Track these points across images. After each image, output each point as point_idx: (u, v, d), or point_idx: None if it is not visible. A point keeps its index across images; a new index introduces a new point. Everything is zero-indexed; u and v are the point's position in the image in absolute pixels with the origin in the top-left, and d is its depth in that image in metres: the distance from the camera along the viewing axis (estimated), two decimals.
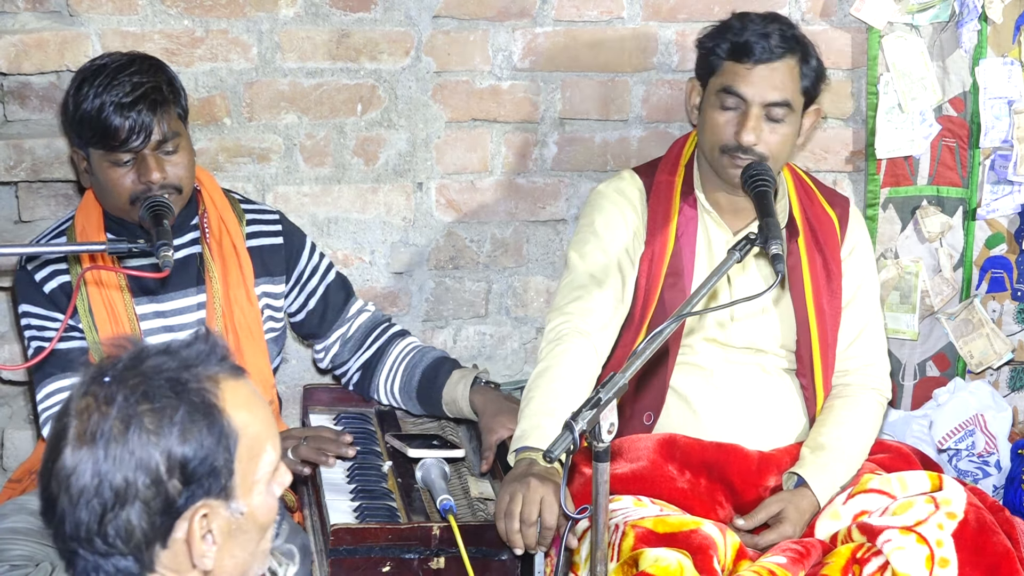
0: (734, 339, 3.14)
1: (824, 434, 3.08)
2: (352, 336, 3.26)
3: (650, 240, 3.13)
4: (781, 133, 3.05)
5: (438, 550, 2.71)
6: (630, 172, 3.25)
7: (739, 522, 2.97)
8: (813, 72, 3.10)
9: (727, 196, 3.13)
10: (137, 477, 1.69)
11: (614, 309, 3.07)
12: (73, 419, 1.71)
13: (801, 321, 3.14)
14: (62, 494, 1.70)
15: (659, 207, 3.15)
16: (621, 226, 3.14)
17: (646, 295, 3.10)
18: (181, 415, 1.71)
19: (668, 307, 3.05)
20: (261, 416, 1.79)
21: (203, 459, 1.71)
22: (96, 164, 2.93)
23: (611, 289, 3.07)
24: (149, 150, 2.89)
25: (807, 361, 3.15)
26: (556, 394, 2.86)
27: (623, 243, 3.12)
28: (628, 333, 3.11)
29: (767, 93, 3.03)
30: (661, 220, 3.14)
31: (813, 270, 3.15)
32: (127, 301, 3.00)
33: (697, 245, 3.13)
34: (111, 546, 1.70)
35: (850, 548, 2.84)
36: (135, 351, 1.75)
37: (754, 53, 3.03)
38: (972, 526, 2.83)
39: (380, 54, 3.49)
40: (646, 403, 3.11)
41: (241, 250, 3.09)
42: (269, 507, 1.79)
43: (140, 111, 2.87)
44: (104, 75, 2.90)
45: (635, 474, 3.00)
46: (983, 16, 3.62)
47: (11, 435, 3.51)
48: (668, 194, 3.17)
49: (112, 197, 2.94)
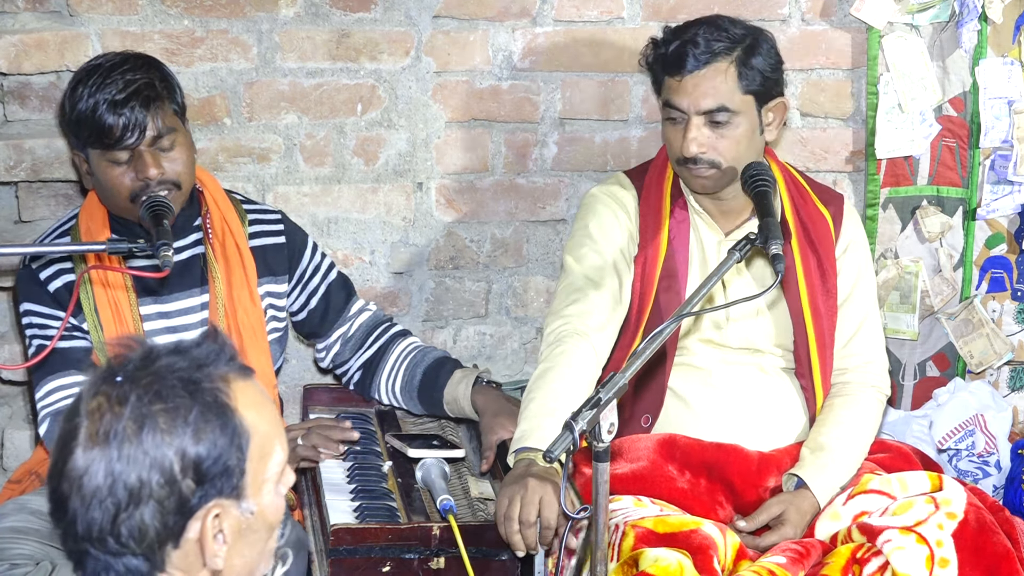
0: (730, 340, 3.14)
1: (824, 434, 3.08)
2: (353, 335, 3.27)
3: (643, 243, 3.13)
4: (729, 138, 3.03)
5: (438, 550, 2.72)
6: (622, 175, 3.25)
7: (740, 524, 2.97)
8: (758, 72, 3.04)
9: (712, 199, 3.13)
10: (151, 477, 1.69)
11: (612, 310, 3.07)
12: (84, 419, 1.71)
13: (797, 321, 3.14)
14: (74, 494, 1.70)
15: (651, 210, 3.16)
16: (615, 228, 3.15)
17: (641, 297, 3.10)
18: (195, 415, 1.71)
19: (663, 309, 3.05)
20: (270, 416, 1.79)
21: (216, 459, 1.71)
22: (95, 164, 2.93)
23: (608, 291, 3.07)
24: (145, 147, 2.89)
25: (805, 360, 3.15)
26: (556, 395, 2.86)
27: (618, 245, 3.13)
28: (625, 335, 3.11)
29: (700, 102, 3.01)
30: (653, 223, 3.14)
31: (807, 269, 3.15)
32: (131, 301, 3.00)
33: (690, 247, 3.13)
34: (124, 546, 1.70)
35: (850, 548, 2.84)
36: (145, 351, 1.75)
37: (682, 64, 3.02)
38: (972, 526, 2.83)
39: (380, 54, 3.50)
40: (644, 405, 3.11)
41: (244, 250, 3.10)
42: (277, 507, 1.80)
43: (133, 108, 2.87)
44: (97, 75, 2.90)
45: (635, 474, 3.00)
46: (983, 16, 3.62)
47: (11, 435, 3.51)
48: (659, 197, 3.17)
49: (113, 196, 2.94)
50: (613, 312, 3.07)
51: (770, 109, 3.09)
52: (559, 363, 2.93)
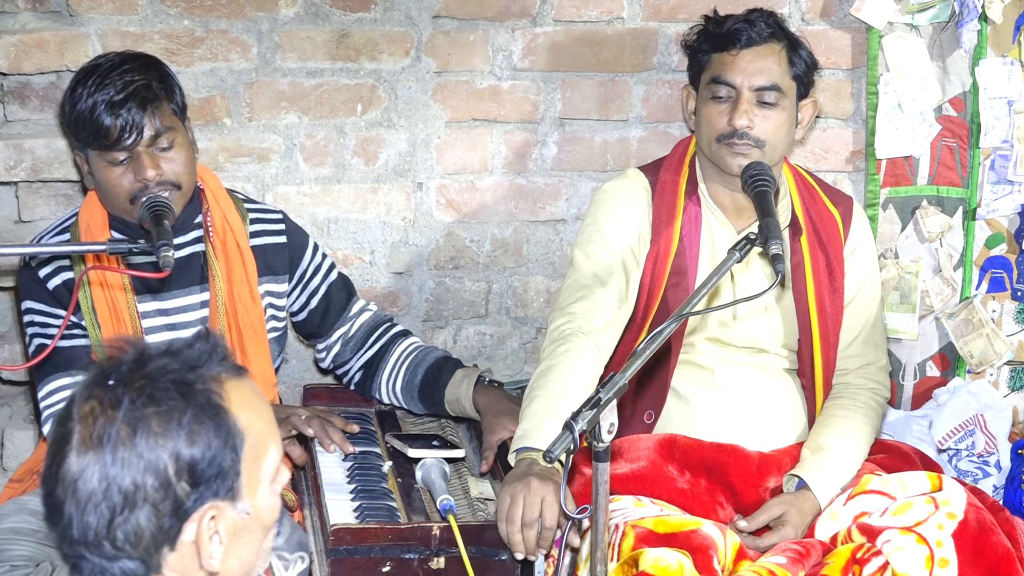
0: (736, 338, 3.14)
1: (824, 435, 3.08)
2: (354, 335, 3.27)
3: (655, 239, 3.12)
4: (775, 120, 3.06)
5: (438, 550, 2.71)
6: (635, 170, 3.24)
7: (741, 524, 2.97)
8: (803, 61, 3.11)
9: (730, 194, 3.13)
10: (146, 480, 1.69)
11: (617, 309, 3.07)
12: (77, 424, 1.71)
13: (803, 319, 3.14)
14: (68, 499, 1.70)
15: (664, 205, 3.15)
16: (626, 225, 3.14)
17: (649, 294, 3.10)
18: (188, 417, 1.71)
19: (671, 306, 3.05)
20: (264, 415, 1.79)
21: (211, 461, 1.71)
22: (94, 165, 2.93)
23: (615, 289, 3.07)
24: (143, 147, 2.89)
25: (808, 360, 3.15)
26: (558, 394, 2.86)
27: (628, 242, 3.12)
28: (630, 332, 3.11)
29: (755, 78, 3.05)
30: (666, 219, 3.13)
31: (816, 268, 3.15)
32: (130, 299, 3.00)
33: (701, 244, 3.13)
34: (119, 550, 1.70)
35: (850, 548, 2.84)
36: (137, 353, 1.74)
37: (739, 39, 3.06)
38: (972, 526, 2.83)
39: (380, 54, 3.50)
40: (647, 402, 3.11)
41: (245, 249, 3.10)
42: (272, 507, 1.80)
43: (130, 109, 2.87)
44: (96, 75, 2.90)
45: (635, 474, 3.00)
46: (983, 16, 3.61)
47: (11, 435, 3.51)
48: (673, 192, 3.16)
49: (112, 198, 2.94)
50: (618, 311, 3.07)
51: (804, 105, 3.15)
52: (562, 361, 2.93)
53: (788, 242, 3.12)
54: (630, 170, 3.26)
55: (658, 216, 3.14)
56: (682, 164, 3.20)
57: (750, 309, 3.12)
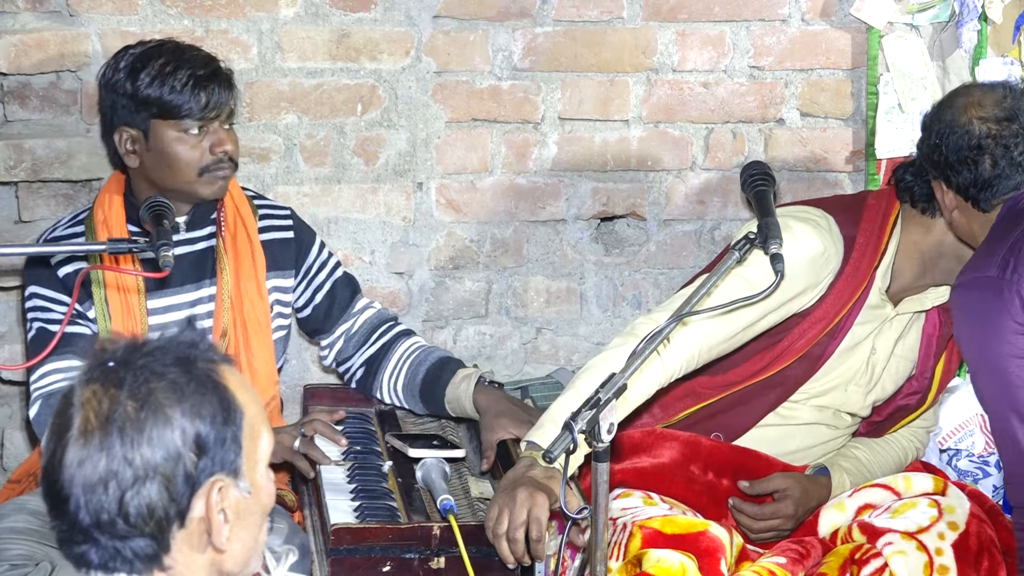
0: (840, 404, 3.07)
1: (860, 450, 3.10)
2: (357, 332, 3.27)
3: (820, 303, 2.94)
4: None
5: (438, 550, 2.71)
6: (831, 223, 2.95)
7: (742, 484, 2.95)
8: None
9: (913, 276, 3.02)
10: (156, 453, 1.70)
11: (709, 350, 2.87)
12: (78, 409, 1.72)
13: (921, 392, 3.14)
14: (76, 484, 1.71)
15: (853, 278, 2.95)
16: (790, 294, 2.89)
17: (788, 348, 2.95)
18: (192, 388, 1.73)
19: (803, 364, 2.97)
20: (256, 401, 1.82)
21: (216, 432, 1.73)
22: (162, 137, 2.98)
23: (724, 333, 2.87)
24: (220, 123, 3.01)
25: (886, 427, 3.16)
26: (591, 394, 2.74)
27: (778, 302, 2.88)
28: (748, 364, 2.97)
29: None
30: (848, 292, 2.94)
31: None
32: (141, 292, 3.03)
33: (859, 318, 2.99)
34: (132, 527, 1.71)
35: (849, 548, 2.84)
36: (130, 339, 1.77)
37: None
38: (973, 539, 2.84)
39: (380, 54, 3.50)
40: (728, 426, 3.02)
41: (256, 244, 3.14)
42: (269, 491, 1.83)
43: (217, 84, 3.00)
44: (167, 53, 2.99)
45: (655, 469, 2.96)
46: (983, 16, 3.62)
47: (11, 435, 3.51)
48: (866, 268, 2.96)
49: (177, 169, 3.00)
50: (708, 352, 2.88)
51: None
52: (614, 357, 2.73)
53: (937, 318, 3.08)
54: (824, 220, 2.95)
55: (842, 286, 2.94)
56: (883, 235, 2.98)
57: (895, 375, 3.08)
